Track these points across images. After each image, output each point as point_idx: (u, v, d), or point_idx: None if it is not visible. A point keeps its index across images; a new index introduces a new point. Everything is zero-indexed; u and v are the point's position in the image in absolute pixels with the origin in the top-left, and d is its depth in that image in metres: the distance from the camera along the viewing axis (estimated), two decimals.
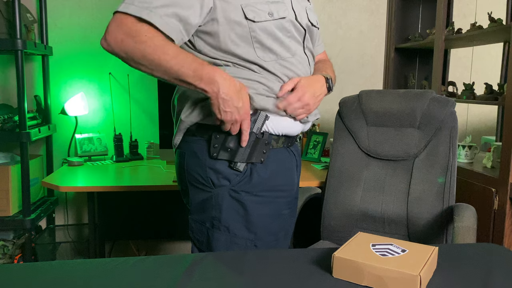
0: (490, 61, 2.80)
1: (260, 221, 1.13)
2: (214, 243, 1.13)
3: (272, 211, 1.16)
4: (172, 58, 1.00)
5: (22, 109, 2.12)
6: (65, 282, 0.84)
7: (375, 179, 1.72)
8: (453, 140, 1.62)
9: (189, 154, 1.15)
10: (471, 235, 1.42)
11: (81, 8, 2.53)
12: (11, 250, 2.22)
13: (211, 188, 1.12)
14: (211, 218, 1.12)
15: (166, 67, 1.00)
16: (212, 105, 1.04)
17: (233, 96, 1.03)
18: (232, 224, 1.11)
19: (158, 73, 1.02)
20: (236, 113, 1.04)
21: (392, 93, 1.75)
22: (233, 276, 0.86)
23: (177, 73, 1.01)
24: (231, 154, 1.10)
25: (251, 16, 1.08)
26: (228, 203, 1.11)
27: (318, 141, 2.55)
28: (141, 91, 2.62)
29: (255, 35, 1.09)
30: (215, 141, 1.10)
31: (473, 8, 2.68)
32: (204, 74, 1.01)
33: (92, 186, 1.96)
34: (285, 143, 1.20)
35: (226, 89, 1.02)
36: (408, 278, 0.79)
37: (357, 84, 2.84)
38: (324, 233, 1.76)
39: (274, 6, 1.11)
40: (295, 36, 1.17)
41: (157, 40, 0.99)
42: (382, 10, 2.80)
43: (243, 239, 1.12)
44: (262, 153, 1.12)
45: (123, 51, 1.00)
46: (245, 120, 1.07)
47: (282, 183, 1.18)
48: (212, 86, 1.02)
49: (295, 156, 1.25)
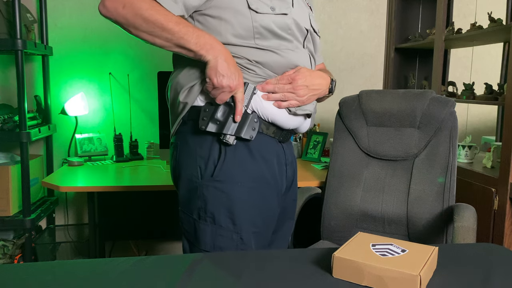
0: (490, 61, 2.80)
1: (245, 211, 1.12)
2: (200, 234, 1.12)
3: (257, 201, 1.14)
4: (175, 25, 1.01)
5: (22, 109, 2.12)
6: (65, 282, 0.84)
7: (375, 179, 1.72)
8: (453, 140, 1.62)
9: (181, 144, 1.15)
10: (471, 235, 1.42)
11: (81, 8, 2.53)
12: (11, 250, 2.22)
13: (197, 178, 1.11)
14: (198, 209, 1.12)
15: (169, 33, 1.01)
16: (210, 68, 1.03)
17: (231, 63, 1.04)
18: (217, 215, 1.10)
19: (160, 40, 1.03)
20: (232, 79, 1.04)
21: (392, 93, 1.75)
22: (233, 276, 0.86)
23: (180, 39, 1.02)
24: (220, 126, 1.08)
25: (254, 7, 1.08)
26: (213, 193, 1.10)
27: (318, 141, 2.55)
28: (141, 91, 2.62)
29: (256, 26, 1.09)
30: (204, 114, 1.09)
31: (473, 8, 2.69)
32: (206, 41, 1.03)
33: (92, 186, 1.96)
34: (276, 134, 1.18)
35: (226, 55, 1.04)
36: (408, 278, 0.79)
37: (357, 84, 2.84)
38: (324, 233, 1.76)
39: (277, 2, 1.12)
40: (296, 35, 1.17)
41: (159, 8, 1.01)
42: (382, 10, 2.80)
43: (229, 231, 1.11)
44: (251, 129, 1.10)
45: (123, 17, 1.00)
46: (238, 90, 1.06)
47: (269, 173, 1.15)
48: (212, 51, 1.03)
49: (285, 153, 1.22)
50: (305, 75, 1.14)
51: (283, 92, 1.13)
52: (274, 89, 1.13)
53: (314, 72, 1.19)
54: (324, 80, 1.21)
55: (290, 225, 1.33)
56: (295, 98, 1.15)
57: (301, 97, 1.15)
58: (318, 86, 1.19)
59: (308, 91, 1.16)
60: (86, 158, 2.47)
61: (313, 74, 1.17)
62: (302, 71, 1.15)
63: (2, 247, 2.21)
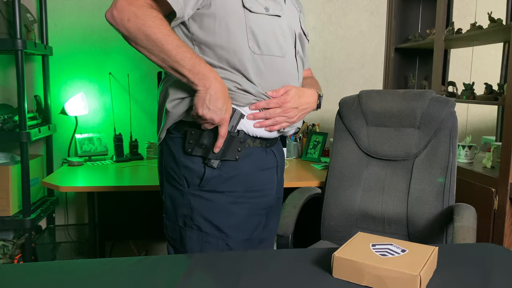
0: (490, 61, 2.80)
1: (231, 221, 1.13)
2: (187, 241, 1.13)
3: (245, 211, 1.15)
4: (174, 48, 1.01)
5: (22, 109, 2.12)
6: (65, 282, 0.84)
7: (375, 179, 1.72)
8: (453, 140, 1.62)
9: (166, 151, 1.16)
10: (471, 235, 1.42)
11: (81, 8, 2.53)
12: (11, 250, 2.22)
13: (183, 186, 1.12)
14: (183, 217, 1.13)
15: (166, 55, 1.02)
16: (198, 98, 1.04)
17: (220, 97, 1.04)
18: (203, 223, 1.11)
19: (156, 58, 1.04)
20: (217, 114, 1.04)
21: (392, 93, 1.75)
22: (233, 276, 0.86)
23: (175, 63, 1.03)
24: (205, 150, 1.10)
25: (248, 6, 1.09)
26: (199, 202, 1.11)
27: (318, 141, 2.55)
28: (141, 91, 2.62)
29: (250, 25, 1.10)
30: (190, 137, 1.11)
31: (473, 8, 2.68)
32: (200, 70, 1.03)
33: (92, 186, 1.96)
34: (263, 143, 1.19)
35: (217, 89, 1.04)
36: (408, 278, 0.79)
37: (357, 84, 2.84)
38: (324, 233, 1.76)
39: (271, 3, 1.13)
40: (288, 38, 1.18)
41: (164, 28, 1.02)
42: (382, 10, 2.80)
43: (215, 238, 1.12)
44: (236, 151, 1.11)
45: (127, 30, 1.01)
46: (222, 126, 1.07)
47: (258, 183, 1.17)
48: (204, 81, 1.03)
49: (275, 155, 1.23)
50: (293, 97, 1.16)
51: (274, 118, 1.15)
52: (265, 115, 1.14)
53: (301, 90, 1.20)
54: (312, 98, 1.24)
55: (276, 221, 1.35)
56: (286, 121, 1.18)
57: (291, 118, 1.18)
58: (307, 105, 1.21)
59: (297, 111, 1.19)
60: (86, 158, 2.47)
61: (301, 93, 1.19)
62: (291, 93, 1.16)
63: (2, 247, 2.21)
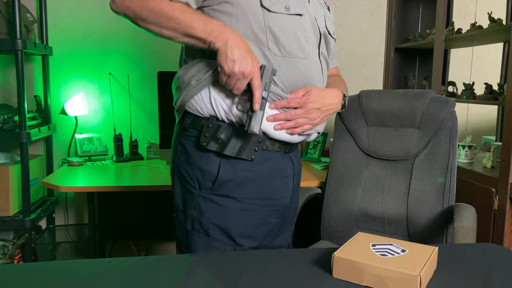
0: (490, 61, 2.80)
1: (241, 228, 1.08)
2: (193, 245, 1.10)
3: (256, 219, 1.10)
4: (181, 13, 0.99)
5: (22, 109, 2.12)
6: (65, 282, 0.84)
7: (375, 179, 1.72)
8: (453, 140, 1.62)
9: (180, 150, 1.12)
10: (471, 235, 1.42)
11: (81, 8, 2.53)
12: (11, 250, 2.22)
13: (194, 188, 1.08)
14: (192, 220, 1.09)
15: (175, 22, 0.98)
16: (220, 56, 0.97)
17: (242, 47, 0.97)
18: (211, 228, 1.07)
19: (167, 31, 1.00)
20: (244, 64, 0.96)
21: (392, 93, 1.75)
22: (233, 276, 0.86)
23: (187, 28, 0.98)
24: (221, 145, 1.04)
25: (267, 5, 1.03)
26: (209, 206, 1.07)
27: (318, 141, 2.55)
28: (141, 91, 2.62)
29: (269, 25, 1.03)
30: (206, 130, 1.05)
31: (473, 8, 2.69)
32: (213, 27, 0.98)
33: (92, 186, 1.96)
34: (282, 148, 1.13)
35: (236, 40, 0.98)
36: (408, 278, 0.79)
37: (357, 84, 2.84)
38: (324, 233, 1.76)
39: (292, 1, 1.06)
40: (311, 38, 1.11)
41: None
42: (382, 10, 2.80)
43: (223, 243, 1.08)
44: (253, 150, 1.05)
45: (131, 10, 1.00)
46: (254, 78, 0.98)
47: (272, 191, 1.11)
48: (221, 37, 0.97)
49: (293, 163, 1.17)
50: (315, 97, 1.08)
51: (295, 119, 1.08)
52: (286, 117, 1.07)
53: (324, 91, 1.12)
54: (336, 98, 1.15)
55: (290, 230, 1.29)
56: (308, 123, 1.10)
57: (314, 120, 1.10)
58: (331, 106, 1.13)
59: (320, 113, 1.10)
60: (86, 158, 2.47)
61: (324, 94, 1.11)
62: (312, 93, 1.08)
63: (2, 247, 2.21)
